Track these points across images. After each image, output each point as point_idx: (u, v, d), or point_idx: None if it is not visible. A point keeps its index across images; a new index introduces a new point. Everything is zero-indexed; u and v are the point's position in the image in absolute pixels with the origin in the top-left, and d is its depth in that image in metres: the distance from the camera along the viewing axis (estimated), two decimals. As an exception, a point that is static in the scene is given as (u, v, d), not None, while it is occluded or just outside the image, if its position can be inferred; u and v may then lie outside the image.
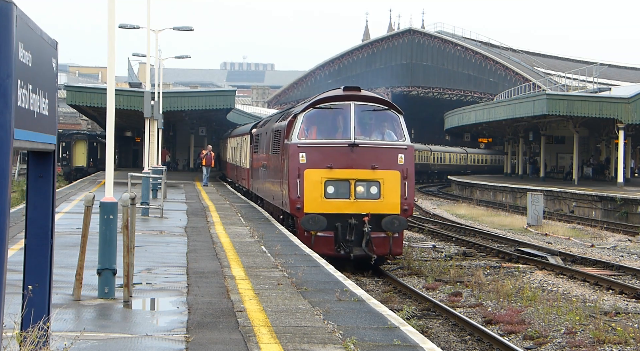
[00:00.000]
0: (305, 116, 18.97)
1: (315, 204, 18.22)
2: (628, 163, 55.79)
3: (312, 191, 18.22)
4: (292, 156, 18.51)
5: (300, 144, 18.61)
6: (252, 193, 30.89)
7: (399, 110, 19.03)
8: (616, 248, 26.40)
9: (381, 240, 18.27)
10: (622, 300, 16.55)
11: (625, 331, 12.89)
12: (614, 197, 38.72)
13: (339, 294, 10.60)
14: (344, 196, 18.31)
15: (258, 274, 12.32)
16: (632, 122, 47.19)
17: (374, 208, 18.26)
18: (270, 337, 8.24)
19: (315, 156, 18.38)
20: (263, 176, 25.42)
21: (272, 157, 22.40)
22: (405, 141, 18.76)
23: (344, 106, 18.76)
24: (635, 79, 73.15)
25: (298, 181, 18.29)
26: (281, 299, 10.30)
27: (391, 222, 18.16)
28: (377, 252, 18.23)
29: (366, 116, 18.88)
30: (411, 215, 19.91)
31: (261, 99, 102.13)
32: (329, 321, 9.03)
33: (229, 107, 48.92)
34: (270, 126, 24.19)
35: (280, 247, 15.43)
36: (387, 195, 18.33)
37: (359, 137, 18.47)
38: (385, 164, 18.36)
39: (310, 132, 18.91)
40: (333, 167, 18.32)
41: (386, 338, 8.37)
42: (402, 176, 18.41)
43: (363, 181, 18.34)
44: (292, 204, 18.39)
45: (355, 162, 18.31)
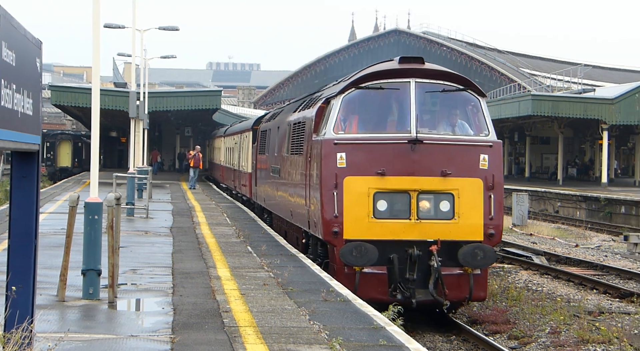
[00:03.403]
0: (344, 99, 13.34)
1: (361, 227, 12.80)
2: (612, 164, 56.09)
3: (355, 209, 12.83)
4: (325, 158, 13.06)
5: (337, 140, 13.04)
6: (256, 204, 25.35)
7: (480, 91, 13.57)
8: (600, 248, 26.54)
9: (456, 279, 12.89)
10: (606, 300, 16.64)
11: (609, 330, 12.96)
12: (598, 197, 38.92)
13: (325, 294, 10.60)
14: (402, 216, 12.90)
15: (244, 274, 12.31)
16: (616, 123, 47.46)
17: (445, 232, 12.86)
18: (256, 338, 8.23)
19: (360, 157, 12.98)
20: (274, 184, 19.71)
21: (290, 158, 16.88)
22: (489, 135, 13.30)
23: (401, 84, 13.26)
24: (619, 80, 73.56)
25: (335, 193, 12.86)
26: (267, 299, 10.29)
27: (472, 254, 12.64)
28: (451, 296, 12.84)
29: (433, 100, 13.66)
30: (499, 243, 14.31)
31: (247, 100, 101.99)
32: (315, 321, 9.03)
33: (214, 108, 48.81)
34: (286, 118, 18.44)
35: (267, 247, 15.41)
36: (464, 214, 12.90)
37: (423, 130, 13.02)
38: (461, 168, 12.99)
39: (350, 124, 13.49)
40: (386, 173, 12.88)
41: (372, 338, 8.37)
42: (486, 185, 12.96)
43: (429, 193, 12.96)
44: (325, 227, 12.92)
45: (418, 166, 12.92)
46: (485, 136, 13.32)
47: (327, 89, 15.72)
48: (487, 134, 13.35)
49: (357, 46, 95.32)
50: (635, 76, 75.88)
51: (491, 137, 13.33)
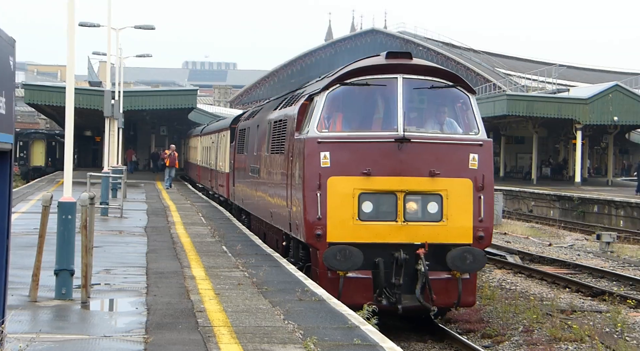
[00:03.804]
0: (328, 96, 12.79)
1: (345, 229, 12.30)
2: (585, 163, 56.57)
3: (339, 210, 12.30)
4: (308, 157, 12.55)
5: (321, 139, 12.52)
6: (234, 205, 24.58)
7: (469, 87, 13.17)
8: (573, 246, 26.77)
9: (444, 284, 12.39)
10: (579, 298, 16.80)
11: (581, 329, 13.09)
12: (571, 197, 39.26)
13: (300, 294, 10.61)
14: (389, 218, 12.38)
15: (219, 274, 12.29)
16: (589, 122, 47.89)
17: (433, 235, 12.37)
18: (230, 337, 8.22)
19: (345, 156, 12.44)
20: (253, 184, 19.14)
21: (270, 158, 16.27)
22: (479, 133, 12.78)
23: (388, 80, 12.71)
24: (593, 80, 74.22)
25: (318, 194, 12.31)
26: (242, 299, 10.28)
27: (461, 257, 12.20)
28: (438, 302, 12.30)
29: (421, 96, 13.05)
30: (489, 246, 13.70)
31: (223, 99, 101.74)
32: (290, 321, 9.03)
33: (190, 107, 48.66)
34: (266, 116, 17.81)
35: (242, 247, 15.39)
36: (453, 216, 12.39)
37: (410, 129, 12.49)
38: (450, 168, 12.47)
39: (335, 121, 12.98)
40: (371, 173, 12.34)
41: (346, 338, 8.40)
42: (476, 186, 12.42)
43: (417, 194, 12.43)
44: (308, 230, 12.39)
45: (405, 166, 12.38)
46: (475, 135, 12.79)
47: (309, 86, 15.10)
48: (477, 132, 12.81)
49: (334, 46, 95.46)
50: (609, 76, 76.59)
51: (481, 135, 12.79)
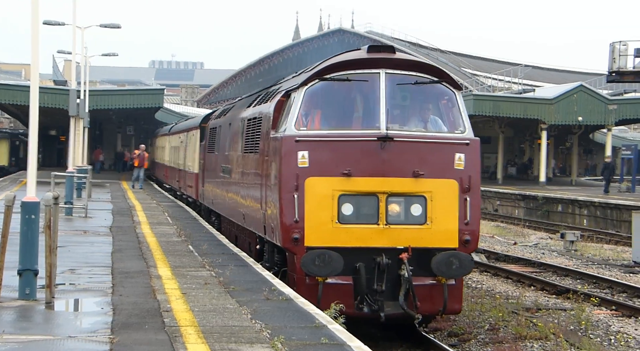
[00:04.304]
0: (306, 92, 12.08)
1: (324, 233, 11.61)
2: (550, 163, 57.15)
3: (318, 213, 11.61)
4: (285, 156, 11.82)
5: (299, 137, 11.80)
6: (203, 206, 23.71)
7: (455, 83, 12.46)
8: (538, 245, 27.03)
9: (429, 290, 11.73)
10: (543, 296, 16.96)
11: (546, 326, 13.22)
12: (536, 196, 39.64)
13: (267, 293, 10.58)
14: (370, 221, 11.69)
15: (185, 273, 12.21)
16: (554, 122, 48.38)
17: (417, 239, 11.71)
18: (197, 337, 8.17)
19: (324, 156, 11.76)
20: (224, 185, 18.34)
21: (243, 157, 15.57)
22: (465, 132, 12.15)
23: (370, 76, 11.99)
24: (558, 80, 74.98)
25: (295, 195, 11.60)
26: (208, 298, 10.23)
27: (446, 262, 11.56)
28: (423, 309, 11.64)
29: (404, 93, 12.37)
30: (475, 250, 12.86)
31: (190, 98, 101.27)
32: (257, 320, 9.00)
33: (157, 106, 48.37)
34: (238, 114, 17.04)
35: (208, 246, 15.31)
36: (438, 218, 11.75)
37: (393, 127, 11.81)
38: (435, 169, 11.82)
39: (313, 119, 12.24)
40: (352, 174, 11.64)
41: (314, 337, 8.38)
42: (462, 187, 11.83)
43: (400, 195, 11.74)
44: (284, 233, 11.69)
45: (387, 166, 11.69)
46: (461, 133, 12.12)
47: (286, 82, 14.41)
48: (463, 130, 12.14)
49: (302, 45, 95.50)
50: (573, 77, 77.45)
51: (467, 134, 12.13)
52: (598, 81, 58.33)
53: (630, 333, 13.56)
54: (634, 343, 12.98)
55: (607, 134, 51.02)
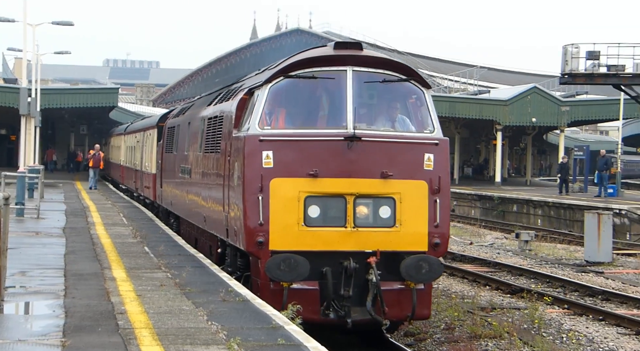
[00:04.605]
0: (271, 90, 11.65)
1: (289, 236, 11.22)
2: (505, 163, 57.82)
3: (283, 215, 11.20)
4: (248, 156, 11.41)
5: (263, 137, 11.37)
6: (161, 208, 23.31)
7: (424, 81, 12.05)
8: (493, 245, 27.30)
9: (397, 295, 11.38)
10: (498, 296, 17.13)
11: (500, 325, 13.35)
12: (492, 196, 40.06)
13: (224, 294, 10.50)
14: (337, 223, 11.30)
15: (140, 275, 12.08)
16: (509, 123, 48.96)
17: (385, 242, 11.33)
18: (152, 339, 8.08)
19: (290, 156, 11.34)
20: (184, 186, 17.77)
21: (204, 157, 15.07)
22: (435, 131, 11.73)
23: (337, 73, 11.61)
24: (512, 81, 75.87)
25: (260, 197, 11.18)
26: (164, 300, 10.12)
27: (416, 266, 11.18)
28: (391, 315, 11.31)
29: (372, 91, 11.97)
30: (445, 253, 12.54)
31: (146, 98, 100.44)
32: (213, 321, 8.93)
33: (111, 105, 47.90)
34: (198, 113, 16.59)
35: (164, 248, 15.17)
36: (407, 221, 11.37)
37: (361, 126, 11.41)
38: (403, 169, 11.43)
39: (277, 118, 11.80)
40: (318, 174, 11.23)
41: (270, 338, 8.34)
42: (431, 189, 11.42)
43: (368, 197, 11.35)
44: (248, 237, 11.29)
45: (355, 166, 11.29)
46: (430, 133, 11.70)
47: (248, 79, 13.94)
48: (432, 130, 11.70)
49: (259, 45, 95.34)
50: (527, 78, 78.47)
51: (437, 134, 11.70)
52: (551, 83, 59.20)
53: (581, 331, 13.76)
54: (585, 341, 13.17)
55: (559, 135, 51.77)
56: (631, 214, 29.81)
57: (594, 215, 22.47)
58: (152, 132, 26.48)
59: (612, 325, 14.35)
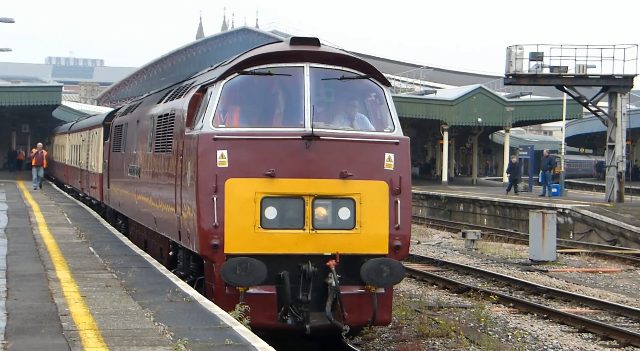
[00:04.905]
0: (225, 86, 11.26)
1: (246, 239, 10.86)
2: (452, 163, 58.42)
3: (239, 217, 10.84)
4: (202, 156, 11.01)
5: (218, 135, 10.98)
6: (108, 208, 22.91)
7: (384, 79, 11.73)
8: (440, 244, 27.54)
9: (357, 300, 11.05)
10: (445, 295, 17.27)
11: (447, 324, 13.46)
12: (439, 196, 40.43)
13: (171, 295, 10.39)
14: (295, 225, 10.95)
15: (85, 276, 11.88)
16: (455, 123, 49.48)
17: (345, 244, 10.99)
18: (97, 341, 7.95)
19: (245, 155, 10.97)
20: (132, 186, 17.30)
21: (154, 157, 14.61)
22: (395, 130, 11.47)
23: (293, 70, 11.26)
24: (458, 82, 76.70)
25: (215, 198, 10.80)
26: (109, 301, 9.97)
27: (376, 270, 10.88)
28: (351, 320, 10.99)
29: (329, 89, 11.64)
30: (407, 255, 12.20)
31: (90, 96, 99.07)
32: (160, 322, 8.82)
33: (54, 104, 47.07)
34: (147, 111, 16.12)
35: (110, 248, 14.95)
36: (367, 223, 11.04)
37: (319, 125, 11.05)
38: (363, 169, 11.11)
39: (231, 116, 11.41)
40: (275, 175, 10.88)
41: (218, 338, 8.27)
42: (392, 189, 11.12)
43: (327, 198, 11.01)
44: (202, 239, 10.91)
45: (313, 166, 10.95)
46: (390, 132, 11.41)
47: (200, 76, 13.51)
48: (392, 129, 11.42)
49: (205, 44, 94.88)
50: (473, 79, 79.42)
51: (397, 133, 11.41)
52: (496, 84, 60.03)
53: (526, 329, 13.95)
54: (529, 338, 13.35)
55: (505, 135, 52.49)
56: (574, 214, 30.36)
57: (538, 214, 22.82)
58: (98, 130, 25.90)
59: (556, 322, 14.57)
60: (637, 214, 29.19)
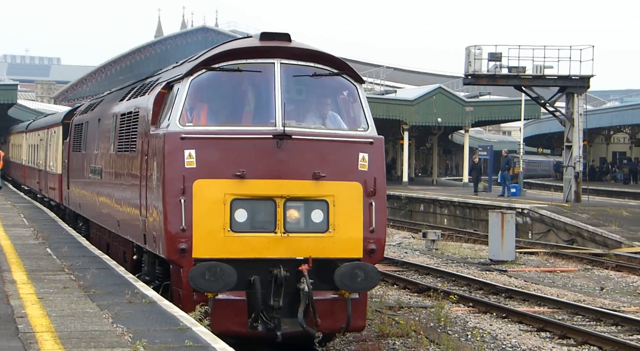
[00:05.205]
0: (192, 83, 10.86)
1: (215, 243, 10.45)
2: (412, 163, 58.74)
3: (207, 220, 10.41)
4: (169, 156, 10.57)
5: (185, 134, 10.56)
6: (68, 210, 22.45)
7: (357, 76, 11.31)
8: (401, 244, 27.66)
9: (330, 305, 10.65)
10: (406, 295, 17.34)
11: (408, 324, 13.52)
12: (399, 196, 40.60)
13: (130, 296, 10.28)
14: (266, 228, 10.54)
15: (42, 277, 11.72)
16: (415, 123, 49.75)
17: (318, 248, 10.61)
18: (54, 343, 7.83)
19: (214, 155, 10.54)
20: (94, 187, 16.79)
21: (117, 157, 14.11)
22: (369, 129, 11.15)
23: (264, 66, 10.87)
24: (418, 82, 77.20)
25: (182, 200, 10.36)
26: (67, 303, 9.84)
27: (351, 274, 10.48)
28: (324, 326, 10.58)
29: (299, 86, 11.22)
30: (381, 259, 11.83)
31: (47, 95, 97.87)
32: (119, 324, 8.72)
33: (10, 102, 46.41)
34: (109, 109, 15.60)
35: (68, 249, 14.76)
36: (340, 226, 10.64)
37: (290, 123, 10.65)
38: (337, 170, 10.70)
39: (199, 114, 10.98)
40: (246, 175, 10.46)
41: (177, 340, 8.20)
42: (366, 191, 10.71)
43: (299, 200, 10.61)
44: (169, 243, 10.47)
45: (285, 167, 10.53)
46: (364, 131, 11.03)
47: (166, 72, 13.05)
48: (365, 128, 11.04)
49: (164, 42, 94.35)
50: (433, 79, 79.96)
51: (371, 132, 11.05)
52: (455, 84, 60.49)
53: (485, 329, 14.05)
54: (489, 338, 13.46)
55: (464, 135, 52.92)
56: (533, 214, 30.70)
57: (497, 214, 23.03)
58: (57, 129, 25.33)
59: (515, 322, 14.71)
60: (594, 214, 29.62)
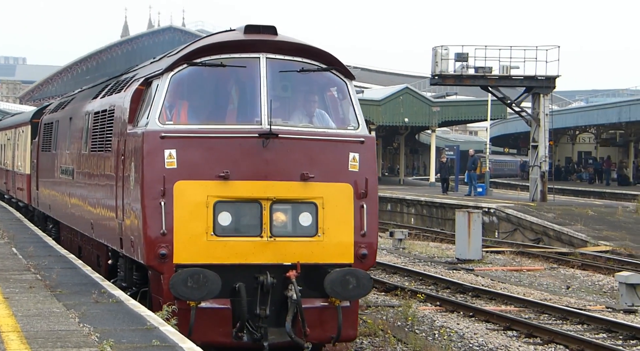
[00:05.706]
0: (173, 79, 10.23)
1: (197, 248, 9.83)
2: (379, 163, 58.98)
3: (189, 224, 9.82)
4: (148, 155, 9.96)
5: (165, 133, 9.95)
6: (37, 211, 21.83)
7: (347, 71, 10.67)
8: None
9: (319, 314, 10.09)
10: (373, 294, 17.39)
11: (375, 323, 13.58)
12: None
13: (97, 295, 10.23)
14: (252, 232, 9.96)
15: (8, 277, 11.61)
16: (382, 123, 49.96)
17: (307, 253, 10.03)
18: (20, 343, 7.78)
19: (197, 155, 9.93)
20: (65, 188, 16.16)
21: (91, 157, 13.48)
22: (359, 128, 10.46)
23: (248, 61, 10.26)
24: (385, 82, 77.50)
25: (162, 203, 9.77)
26: (33, 303, 9.77)
27: (342, 281, 9.88)
28: (313, 336, 10.05)
29: (285, 82, 10.63)
30: (374, 265, 11.24)
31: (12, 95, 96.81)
32: (85, 324, 8.68)
33: (-25, 101, 45.79)
34: (82, 107, 15.00)
35: (34, 248, 14.64)
36: (330, 229, 10.07)
37: (277, 121, 10.03)
38: (325, 171, 10.12)
39: (180, 111, 10.40)
40: (230, 176, 9.88)
41: (145, 339, 8.18)
42: (357, 192, 10.18)
43: (286, 202, 10.04)
44: (149, 248, 9.85)
45: (271, 167, 9.96)
46: (355, 130, 10.38)
47: (143, 68, 12.41)
48: (356, 126, 10.39)
49: (131, 42, 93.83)
50: (400, 79, 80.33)
51: (362, 130, 10.39)
52: (422, 84, 60.88)
53: (452, 328, 14.15)
54: (456, 337, 13.55)
55: (431, 135, 53.24)
56: (499, 213, 30.96)
57: (464, 214, 23.19)
58: (25, 129, 24.66)
59: (482, 321, 14.82)
60: (559, 213, 29.94)
